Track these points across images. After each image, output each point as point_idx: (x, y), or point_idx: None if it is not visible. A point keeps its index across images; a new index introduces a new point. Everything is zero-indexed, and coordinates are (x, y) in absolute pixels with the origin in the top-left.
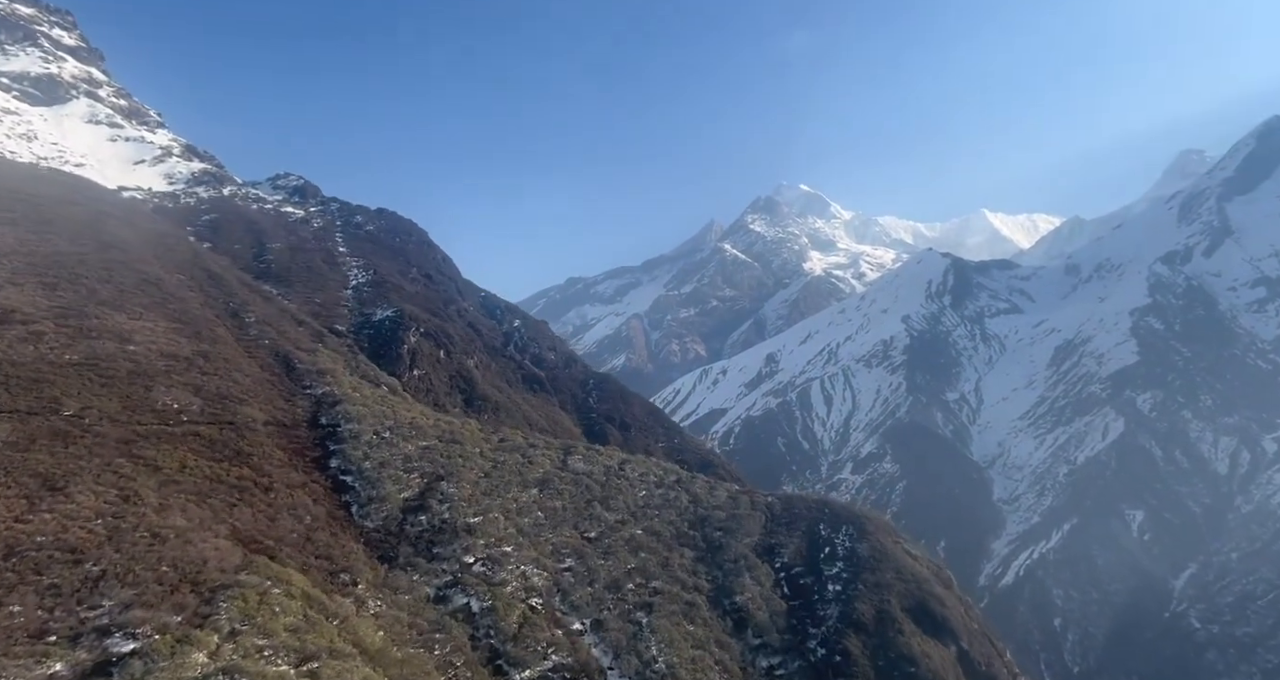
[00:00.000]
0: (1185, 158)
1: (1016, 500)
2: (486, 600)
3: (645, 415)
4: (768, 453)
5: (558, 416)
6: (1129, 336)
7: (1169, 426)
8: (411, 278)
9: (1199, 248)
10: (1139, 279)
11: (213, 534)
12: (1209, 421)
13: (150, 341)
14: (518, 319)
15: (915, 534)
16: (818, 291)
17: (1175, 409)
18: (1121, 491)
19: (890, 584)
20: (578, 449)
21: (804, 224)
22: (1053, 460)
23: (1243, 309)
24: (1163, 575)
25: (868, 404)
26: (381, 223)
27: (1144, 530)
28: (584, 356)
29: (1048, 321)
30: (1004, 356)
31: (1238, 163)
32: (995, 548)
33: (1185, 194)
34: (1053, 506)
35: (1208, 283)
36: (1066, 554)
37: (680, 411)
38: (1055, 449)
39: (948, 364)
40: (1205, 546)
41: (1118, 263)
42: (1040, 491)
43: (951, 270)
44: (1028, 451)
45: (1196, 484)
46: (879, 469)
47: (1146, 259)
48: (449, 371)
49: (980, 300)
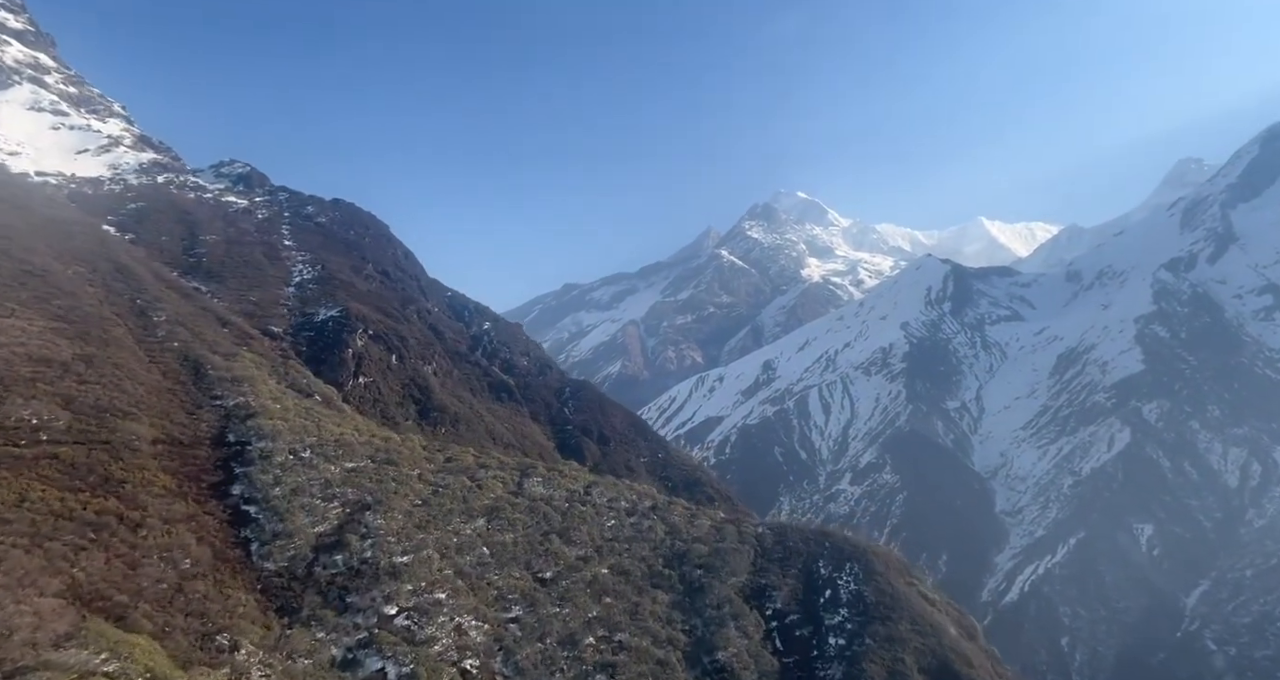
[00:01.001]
0: (1183, 166)
1: (1020, 512)
2: (407, 664)
3: (627, 427)
4: (764, 462)
5: (527, 429)
6: (1134, 344)
7: (1177, 437)
8: (366, 274)
9: (1203, 254)
10: (1143, 286)
11: (37, 591)
12: (1218, 432)
13: (18, 343)
14: (488, 321)
15: (916, 547)
16: (816, 298)
17: (1183, 419)
18: (1129, 504)
19: (905, 638)
20: (537, 470)
21: (802, 231)
22: (1057, 471)
23: (1249, 317)
24: (1174, 592)
25: (866, 412)
26: (336, 214)
27: (1153, 545)
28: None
29: (1049, 329)
30: (1005, 364)
31: (1241, 169)
32: (998, 562)
33: (1188, 201)
34: (1058, 519)
35: (1213, 290)
36: (1073, 569)
37: (676, 420)
38: (1059, 460)
39: (948, 372)
40: (1217, 562)
41: (1120, 270)
42: (1044, 503)
43: (951, 277)
44: (1031, 462)
45: (1207, 497)
46: (878, 480)
47: (1150, 266)
48: (401, 379)
49: (980, 307)
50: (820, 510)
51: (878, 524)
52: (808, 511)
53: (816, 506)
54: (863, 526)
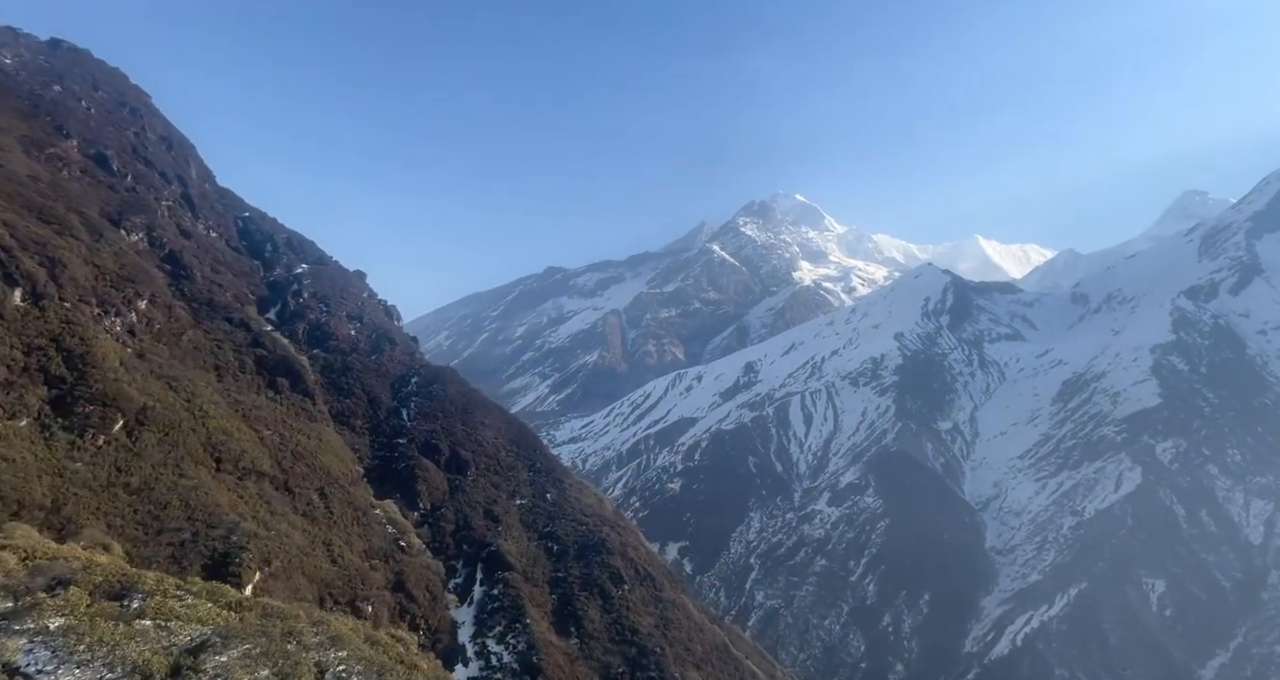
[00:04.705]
0: (1189, 198)
1: (1012, 551)
2: None
3: (505, 444)
4: (736, 472)
5: (322, 442)
6: (1149, 375)
7: (1193, 482)
8: (53, 155)
9: (1225, 284)
10: (1160, 313)
11: None
12: (1238, 480)
13: None
14: (305, 263)
15: (895, 583)
16: (806, 302)
17: (1200, 462)
18: (1139, 555)
19: None
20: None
21: (797, 232)
22: (1056, 509)
23: (1274, 355)
24: (1186, 661)
25: (851, 426)
26: (47, 62)
27: (1164, 604)
28: (554, 350)
29: (1053, 352)
30: (1003, 386)
31: (1269, 197)
32: (985, 606)
33: (1207, 227)
34: (1056, 564)
35: (1235, 323)
36: (1073, 624)
37: (648, 418)
38: (1059, 496)
39: (942, 390)
40: (1238, 631)
41: (1131, 295)
42: (1041, 544)
43: (951, 288)
44: (1027, 495)
45: (1226, 552)
46: (859, 502)
47: (1164, 292)
48: (29, 335)
49: (980, 323)
50: (793, 531)
51: (854, 553)
52: (779, 531)
53: (789, 527)
54: (838, 554)
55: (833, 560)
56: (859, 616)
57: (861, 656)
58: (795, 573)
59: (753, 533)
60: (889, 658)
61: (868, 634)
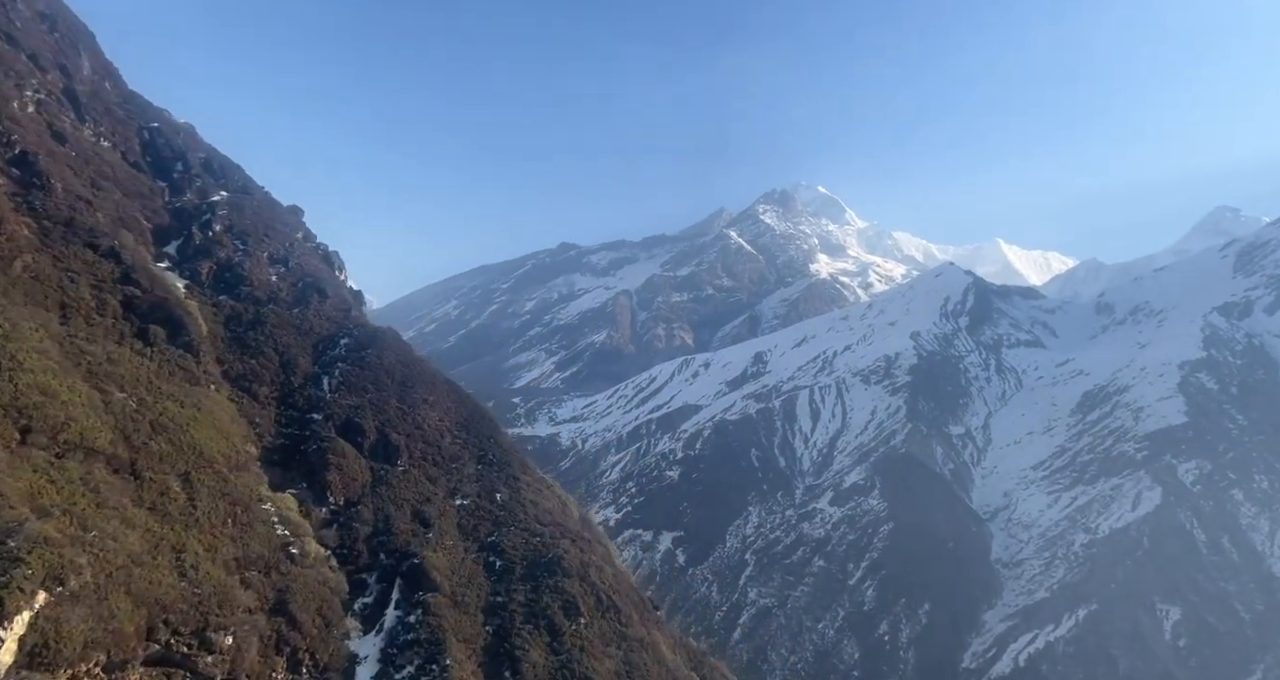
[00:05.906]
0: (1219, 213)
1: (1019, 565)
2: None
3: (452, 428)
4: (737, 465)
5: (201, 412)
6: (1176, 392)
7: (1215, 506)
8: None
9: (1260, 303)
10: (1190, 328)
11: None
12: (1264, 508)
13: None
14: (226, 190)
15: (895, 590)
16: (821, 295)
17: (1224, 486)
18: (1154, 579)
19: None
20: None
21: (816, 224)
22: (1068, 524)
23: None
24: None
25: (859, 425)
26: None
27: (1179, 633)
28: (562, 327)
29: (1074, 362)
30: (1020, 394)
31: None
32: (988, 620)
33: (1243, 243)
34: (1065, 582)
35: (1270, 344)
36: (1081, 647)
37: (651, 402)
38: (1072, 511)
39: (956, 393)
40: (1255, 665)
41: (1159, 308)
42: (1050, 560)
43: (973, 290)
44: (1038, 508)
45: (1247, 583)
46: (863, 504)
47: (1195, 307)
48: None
49: (1000, 327)
50: (792, 529)
51: (854, 556)
52: (777, 528)
53: (788, 524)
54: (837, 556)
55: (831, 562)
56: (855, 622)
57: (854, 664)
58: (791, 572)
59: (750, 527)
60: (883, 668)
61: (863, 641)
